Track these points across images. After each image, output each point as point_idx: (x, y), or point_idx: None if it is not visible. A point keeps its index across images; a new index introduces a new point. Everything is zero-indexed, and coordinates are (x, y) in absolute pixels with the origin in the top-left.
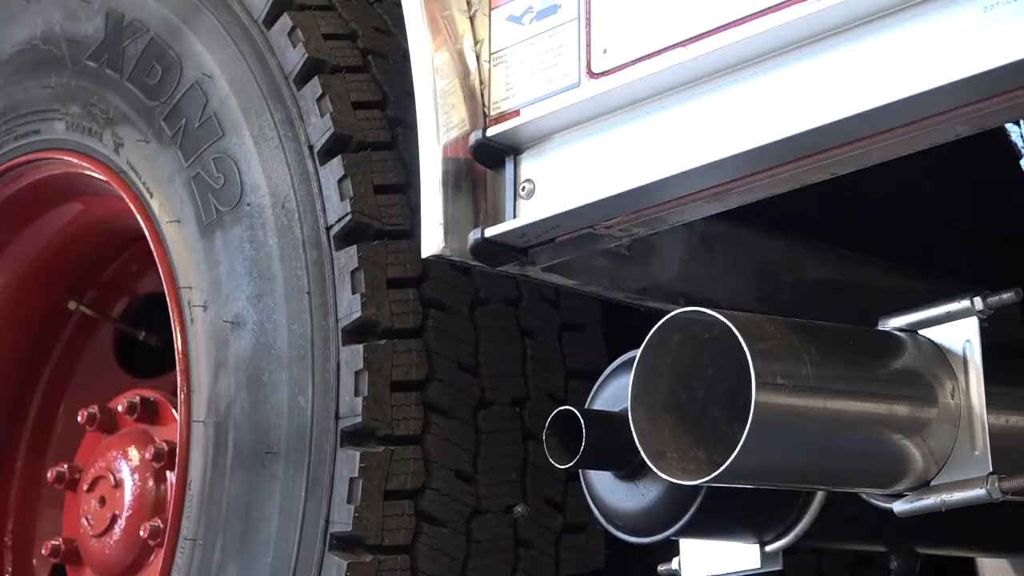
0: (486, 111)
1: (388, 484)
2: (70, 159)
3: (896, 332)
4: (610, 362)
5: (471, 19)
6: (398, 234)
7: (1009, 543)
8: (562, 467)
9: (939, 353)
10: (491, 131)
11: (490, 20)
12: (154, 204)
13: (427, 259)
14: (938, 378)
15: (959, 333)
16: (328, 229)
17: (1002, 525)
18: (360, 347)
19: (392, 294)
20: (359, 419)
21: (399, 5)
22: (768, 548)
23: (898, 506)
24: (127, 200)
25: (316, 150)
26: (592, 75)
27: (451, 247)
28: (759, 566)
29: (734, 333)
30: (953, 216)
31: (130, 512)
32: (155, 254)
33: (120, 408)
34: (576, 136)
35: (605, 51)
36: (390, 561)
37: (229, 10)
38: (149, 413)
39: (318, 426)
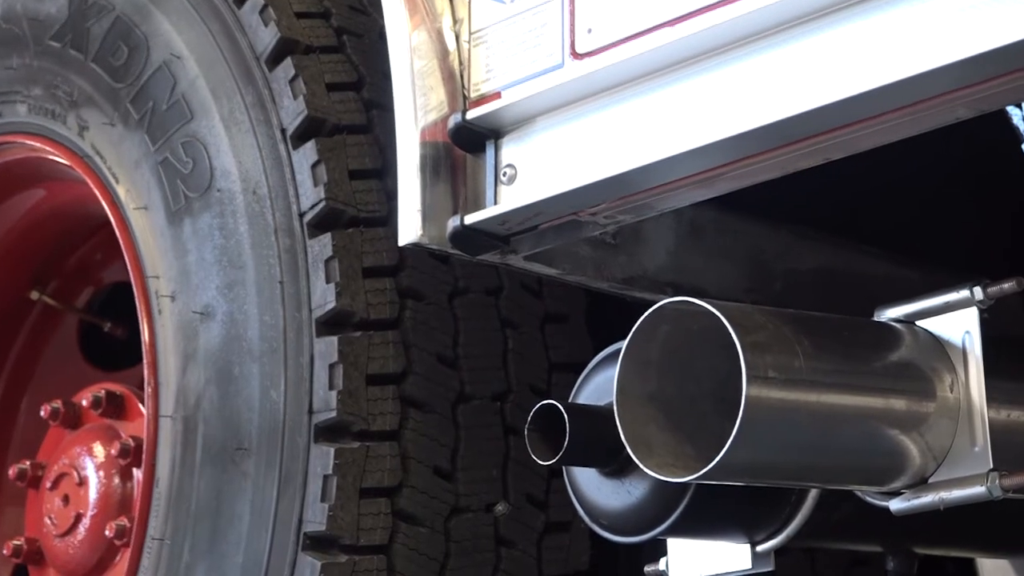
0: (466, 93)
1: (364, 481)
2: (32, 143)
3: (893, 323)
4: (595, 354)
5: None
6: (374, 221)
7: (1010, 543)
8: (545, 464)
9: (937, 345)
10: (471, 114)
11: None
12: (120, 190)
13: (404, 247)
14: (936, 371)
15: (958, 324)
16: (301, 216)
17: (1003, 524)
18: (334, 339)
19: (368, 284)
20: (333, 414)
21: None
22: (759, 548)
23: (895, 504)
24: (92, 186)
25: (289, 134)
26: (576, 55)
27: (429, 235)
28: (750, 567)
29: (724, 324)
30: (952, 202)
31: (95, 511)
32: (121, 242)
33: (85, 402)
34: (560, 119)
35: (590, 31)
36: (366, 562)
37: None
38: (115, 407)
39: (291, 421)
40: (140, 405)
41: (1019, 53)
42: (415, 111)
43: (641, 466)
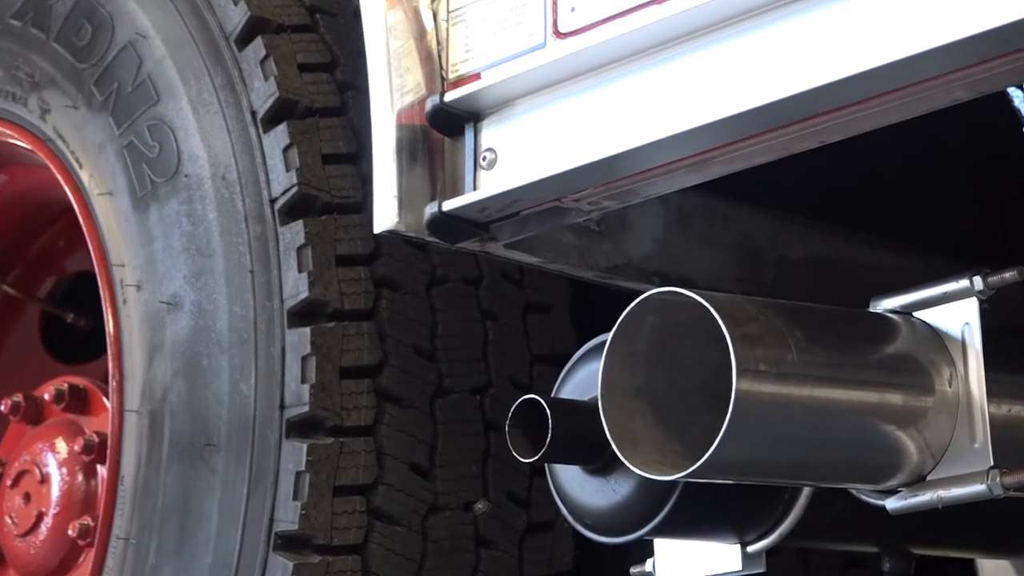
0: (444, 74)
1: (337, 479)
2: None
3: (889, 314)
4: (578, 347)
5: None
6: (348, 207)
7: (1011, 543)
8: (526, 460)
9: (936, 337)
10: (449, 96)
11: None
12: (83, 175)
13: (380, 235)
14: (935, 364)
15: (957, 315)
16: (272, 202)
17: (1004, 524)
18: (307, 330)
19: (342, 273)
20: (306, 408)
21: None
22: (750, 549)
23: (891, 503)
24: (54, 170)
25: (259, 116)
26: (559, 35)
27: (406, 222)
28: (740, 568)
29: (713, 315)
30: (951, 188)
31: (57, 509)
32: (85, 229)
33: (47, 396)
34: (542, 101)
35: (573, 9)
36: (340, 562)
37: None
38: (78, 402)
39: (261, 416)
40: (104, 399)
41: (1019, 33)
42: (391, 93)
43: (627, 463)
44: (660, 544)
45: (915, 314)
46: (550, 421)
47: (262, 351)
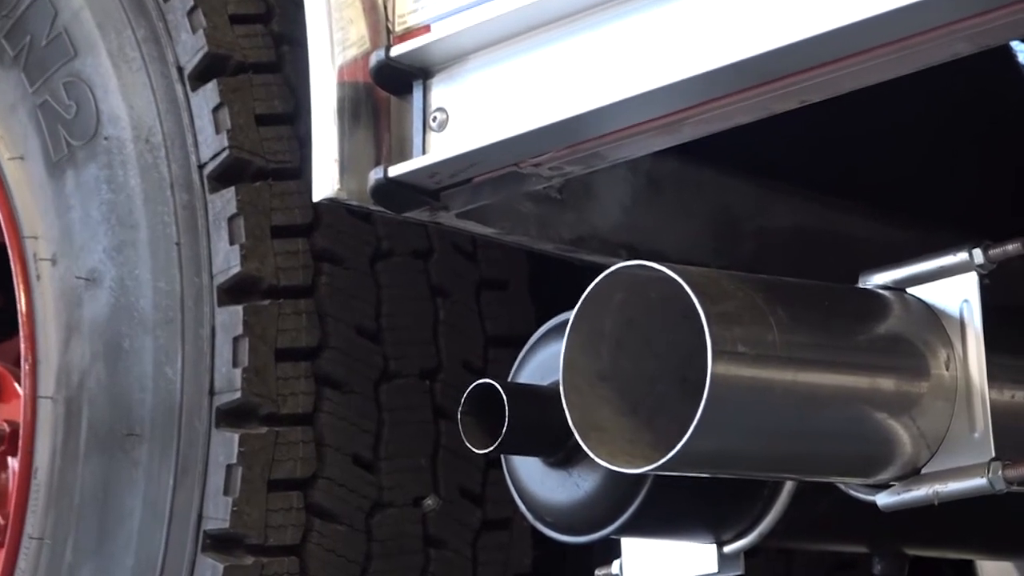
0: (390, 26)
1: (273, 472)
2: None
3: (880, 291)
4: (538, 326)
5: None
6: (284, 173)
7: (1013, 543)
8: (480, 452)
9: (931, 315)
10: (396, 50)
11: None
12: None
13: (319, 203)
14: (930, 345)
15: (955, 291)
16: (201, 167)
17: (1005, 522)
18: (239, 308)
19: (277, 245)
20: (238, 394)
21: None
22: (727, 549)
23: (882, 498)
24: None
25: (187, 73)
26: None
27: (348, 189)
28: (716, 570)
29: (686, 291)
30: (949, 153)
31: None
32: None
33: None
34: (498, 56)
35: None
36: (275, 564)
37: None
38: None
39: (189, 403)
40: (16, 385)
41: None
42: (331, 47)
43: (591, 455)
44: (628, 544)
45: (908, 290)
46: (507, 408)
47: (189, 332)
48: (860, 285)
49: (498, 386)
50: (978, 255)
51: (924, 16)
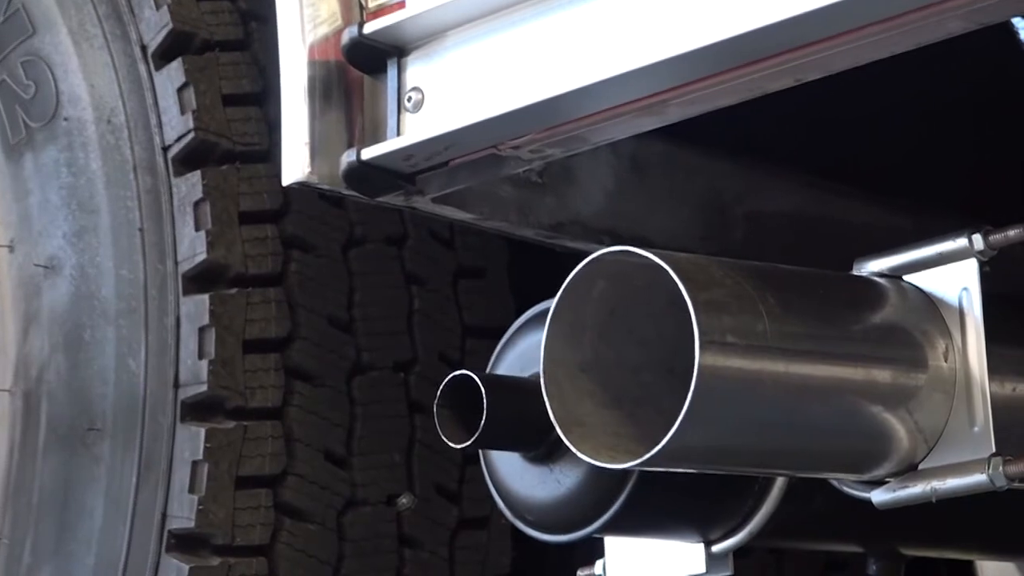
0: (363, 2)
1: (240, 469)
2: None
3: (876, 278)
4: (517, 316)
5: None
6: (253, 156)
7: (1015, 543)
8: (458, 447)
9: (929, 304)
10: (369, 27)
11: None
12: None
13: (289, 188)
14: (928, 335)
15: (954, 279)
16: (165, 150)
17: (1006, 520)
18: (205, 297)
19: (245, 231)
20: (204, 387)
21: None
22: (715, 549)
23: (878, 496)
24: None
25: (150, 51)
26: None
27: (319, 172)
28: (703, 571)
29: (673, 279)
30: (948, 134)
31: None
32: None
33: None
34: (476, 33)
35: None
36: (243, 565)
37: None
38: None
39: (153, 396)
40: None
41: None
42: (302, 24)
43: (573, 450)
44: (611, 543)
45: (905, 278)
46: (485, 401)
47: (153, 322)
48: (855, 272)
49: (476, 378)
50: (978, 241)
51: None
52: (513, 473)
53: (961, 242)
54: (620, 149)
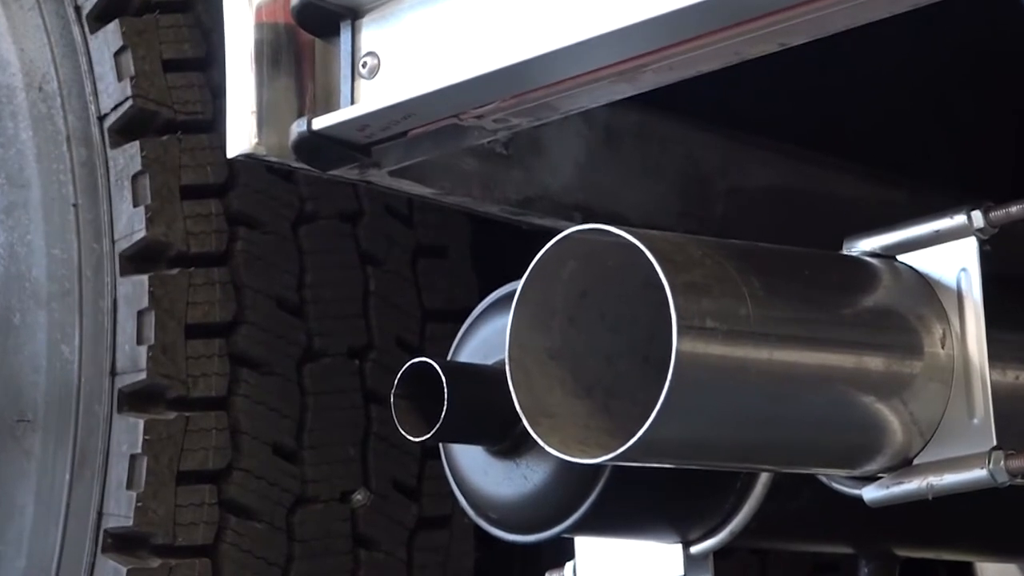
0: None
1: (182, 463)
2: None
3: (867, 258)
4: (481, 299)
5: None
6: (196, 126)
7: (1016, 543)
8: (416, 440)
9: (925, 286)
10: None
11: None
12: None
13: (235, 160)
14: (923, 320)
15: (952, 259)
16: (101, 119)
17: (1007, 519)
18: (144, 278)
19: (188, 207)
20: (143, 375)
21: None
22: (694, 549)
23: (870, 492)
24: None
25: (85, 12)
26: None
27: (267, 144)
28: (681, 573)
29: (648, 259)
30: (945, 103)
31: None
32: None
33: None
34: None
35: None
36: (185, 567)
37: None
38: None
39: (87, 385)
40: None
41: None
42: None
43: (541, 443)
44: (582, 544)
45: (899, 257)
46: (446, 391)
47: (88, 305)
48: (845, 252)
49: (436, 366)
50: (978, 218)
51: None
52: (476, 468)
53: (959, 219)
54: (592, 119)
